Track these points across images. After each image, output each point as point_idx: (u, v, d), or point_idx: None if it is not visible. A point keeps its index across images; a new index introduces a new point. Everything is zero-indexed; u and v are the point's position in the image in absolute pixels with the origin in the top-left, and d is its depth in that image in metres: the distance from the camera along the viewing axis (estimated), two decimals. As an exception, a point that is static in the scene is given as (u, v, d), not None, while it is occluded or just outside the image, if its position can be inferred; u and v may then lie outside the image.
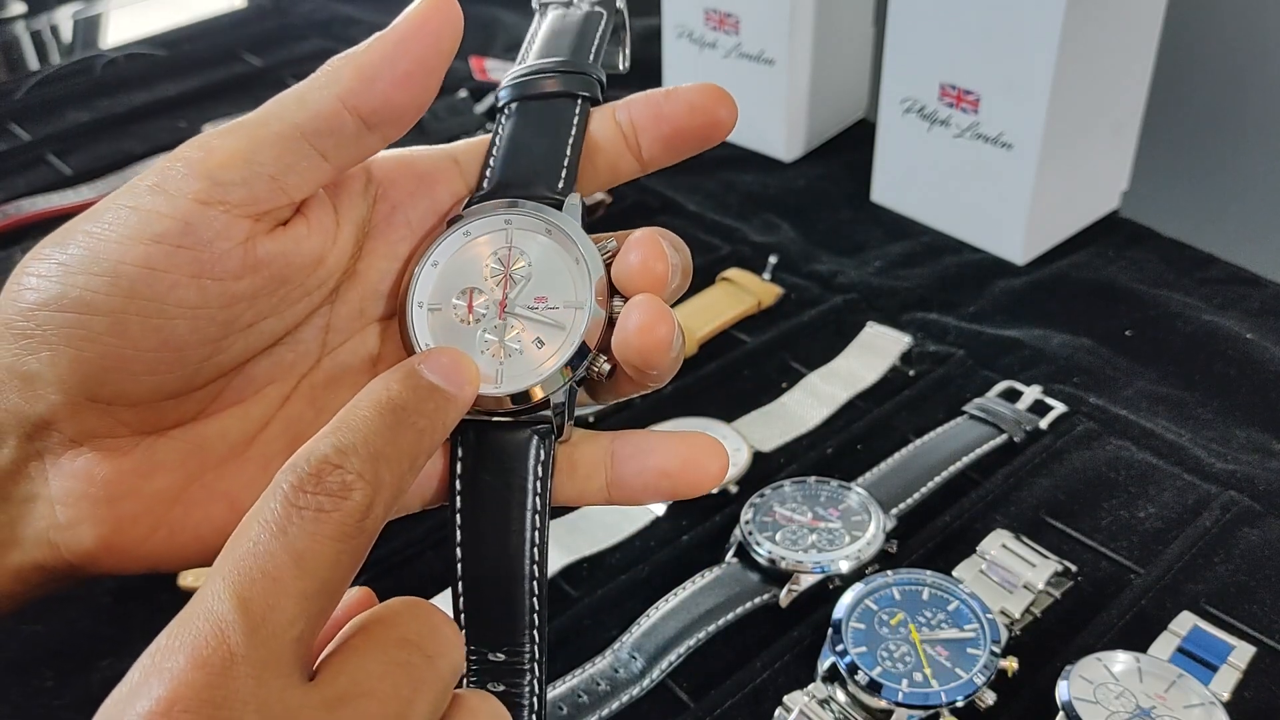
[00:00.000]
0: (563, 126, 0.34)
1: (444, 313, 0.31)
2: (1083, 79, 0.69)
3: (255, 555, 0.25)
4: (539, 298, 0.31)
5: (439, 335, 0.31)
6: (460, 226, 0.31)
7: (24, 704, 0.47)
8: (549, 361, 0.30)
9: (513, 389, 0.30)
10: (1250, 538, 0.53)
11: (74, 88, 1.01)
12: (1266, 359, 0.64)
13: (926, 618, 0.46)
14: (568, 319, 0.30)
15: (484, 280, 0.31)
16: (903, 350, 0.66)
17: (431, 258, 0.31)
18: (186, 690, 0.25)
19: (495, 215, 0.31)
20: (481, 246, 0.31)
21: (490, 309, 0.31)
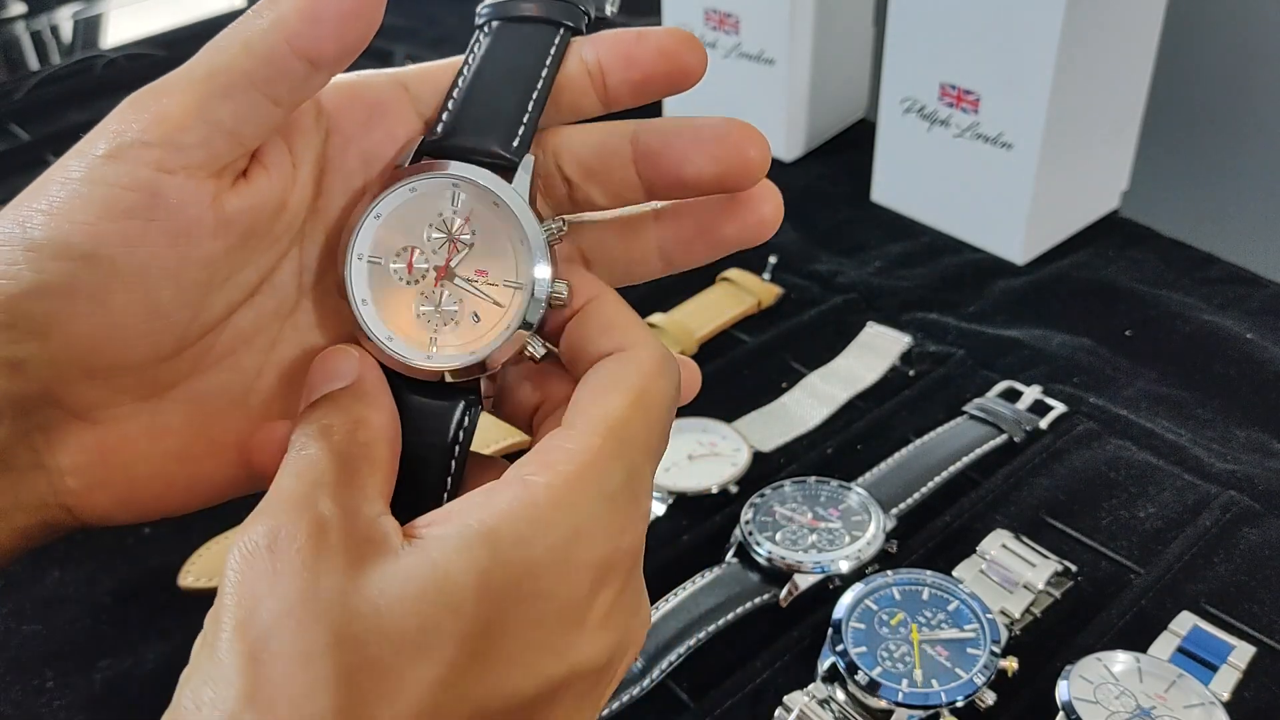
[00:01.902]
0: (536, 62, 0.32)
1: (382, 268, 0.30)
2: (1083, 79, 0.69)
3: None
4: (480, 270, 0.30)
5: (376, 290, 0.30)
6: (407, 182, 0.30)
7: (24, 704, 0.47)
8: (484, 340, 0.30)
9: (444, 365, 0.30)
10: (1250, 538, 0.53)
11: (74, 88, 1.01)
12: (1266, 359, 0.64)
13: (926, 618, 0.46)
14: (507, 299, 0.30)
15: (425, 241, 0.30)
16: (903, 350, 0.66)
17: (375, 210, 0.30)
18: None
19: (444, 177, 0.30)
20: (426, 206, 0.30)
21: (430, 272, 0.30)
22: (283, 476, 0.27)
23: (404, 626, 0.24)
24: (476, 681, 0.24)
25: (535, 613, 0.25)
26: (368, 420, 0.29)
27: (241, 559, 0.25)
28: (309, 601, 0.24)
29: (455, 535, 0.25)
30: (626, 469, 0.27)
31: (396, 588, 0.24)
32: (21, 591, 0.52)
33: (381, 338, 0.30)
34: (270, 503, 0.26)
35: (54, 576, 0.53)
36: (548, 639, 0.25)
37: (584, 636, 0.26)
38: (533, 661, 0.25)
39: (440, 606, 0.24)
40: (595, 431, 0.27)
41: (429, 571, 0.24)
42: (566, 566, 0.25)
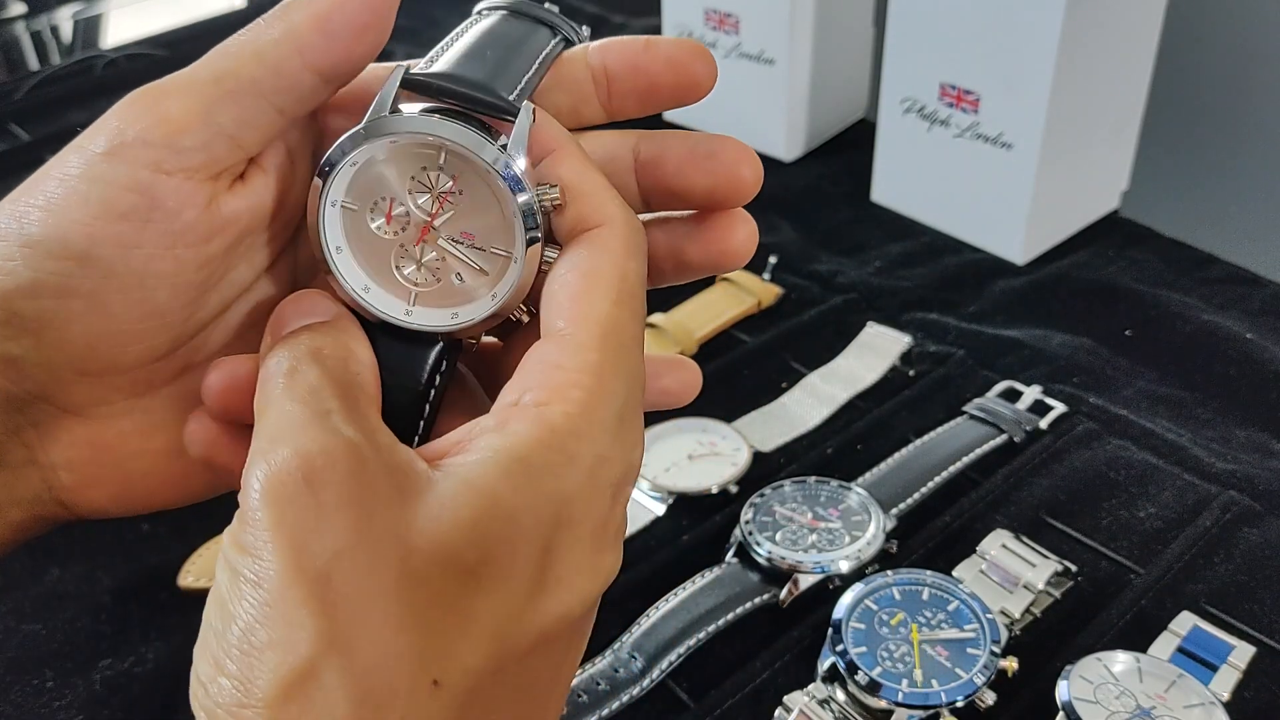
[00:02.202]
0: (536, 44, 0.31)
1: (358, 215, 0.29)
2: (1083, 79, 0.69)
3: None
4: (466, 233, 0.28)
5: (353, 238, 0.29)
6: (389, 132, 0.28)
7: (24, 704, 0.47)
8: (468, 308, 0.28)
9: (423, 326, 0.28)
10: (1250, 538, 0.53)
11: (74, 88, 1.01)
12: (1266, 359, 0.64)
13: (926, 618, 0.46)
14: (493, 266, 0.28)
15: (407, 195, 0.28)
16: (903, 350, 0.66)
17: (350, 157, 0.28)
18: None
19: (429, 127, 0.27)
20: (407, 158, 0.28)
21: (412, 228, 0.29)
22: (284, 400, 0.26)
23: (464, 558, 0.23)
24: (536, 609, 0.24)
25: (573, 537, 0.25)
26: (355, 352, 0.28)
27: (273, 489, 0.23)
28: (364, 538, 0.23)
29: (491, 462, 0.24)
30: (628, 377, 0.27)
31: (448, 517, 0.23)
32: (21, 591, 0.52)
33: (357, 288, 0.29)
34: (284, 428, 0.25)
35: (54, 576, 0.53)
36: (585, 560, 0.25)
37: (608, 552, 0.26)
38: (578, 584, 0.25)
39: (496, 537, 0.24)
40: (590, 344, 0.26)
41: (477, 498, 0.24)
42: (594, 490, 0.25)
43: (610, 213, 0.28)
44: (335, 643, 0.22)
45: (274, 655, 0.22)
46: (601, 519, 0.26)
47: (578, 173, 0.29)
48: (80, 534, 0.55)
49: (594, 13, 1.12)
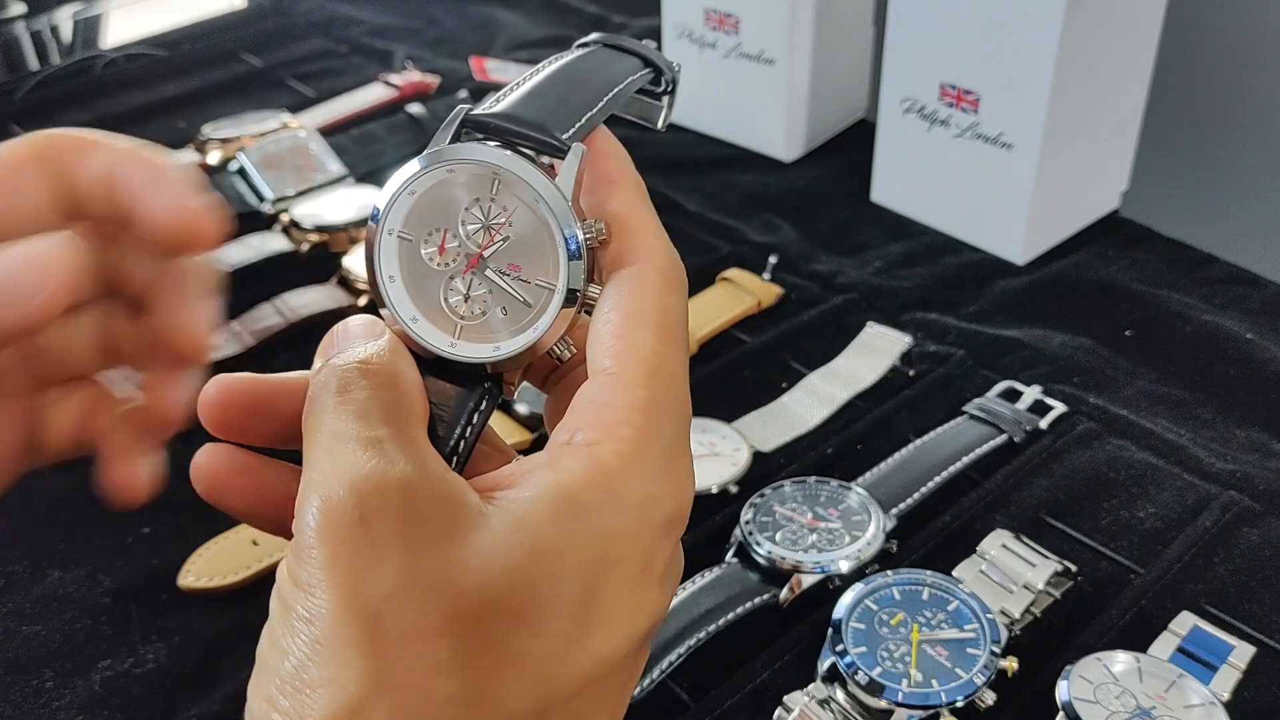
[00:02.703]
0: (617, 75, 0.31)
1: (414, 245, 0.29)
2: (1083, 79, 0.69)
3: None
4: (513, 264, 0.29)
5: (405, 268, 0.29)
6: (445, 162, 0.28)
7: (24, 704, 0.47)
8: (511, 341, 0.29)
9: (465, 357, 0.29)
10: (1250, 538, 0.53)
11: (74, 88, 1.01)
12: (1266, 359, 0.64)
13: (926, 618, 0.46)
14: (538, 299, 0.29)
15: (459, 225, 0.29)
16: (903, 350, 0.66)
17: (409, 186, 0.29)
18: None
19: (484, 162, 0.28)
20: (461, 189, 0.29)
21: (460, 258, 0.29)
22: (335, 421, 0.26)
23: (513, 600, 0.23)
24: (582, 650, 0.24)
25: (621, 577, 0.25)
26: (405, 373, 0.28)
27: (329, 527, 0.24)
28: (416, 578, 0.23)
29: (542, 500, 0.25)
30: (675, 414, 0.27)
31: (499, 558, 0.24)
32: (21, 591, 0.52)
33: (406, 318, 0.29)
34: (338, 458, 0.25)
35: (54, 576, 0.53)
36: (631, 599, 0.25)
37: (658, 589, 0.26)
38: (624, 622, 0.25)
39: (543, 577, 0.24)
40: (638, 381, 0.27)
41: (526, 539, 0.24)
42: (642, 529, 0.26)
43: (651, 248, 0.29)
44: (383, 684, 0.22)
45: (325, 694, 0.22)
46: (648, 557, 0.26)
47: (627, 207, 0.29)
48: (81, 536, 0.55)
49: (594, 13, 1.12)
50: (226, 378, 0.29)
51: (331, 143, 0.86)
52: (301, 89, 1.00)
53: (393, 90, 0.96)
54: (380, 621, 0.23)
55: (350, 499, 0.24)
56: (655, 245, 0.29)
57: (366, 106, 0.94)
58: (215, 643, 0.50)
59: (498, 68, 1.00)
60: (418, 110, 0.91)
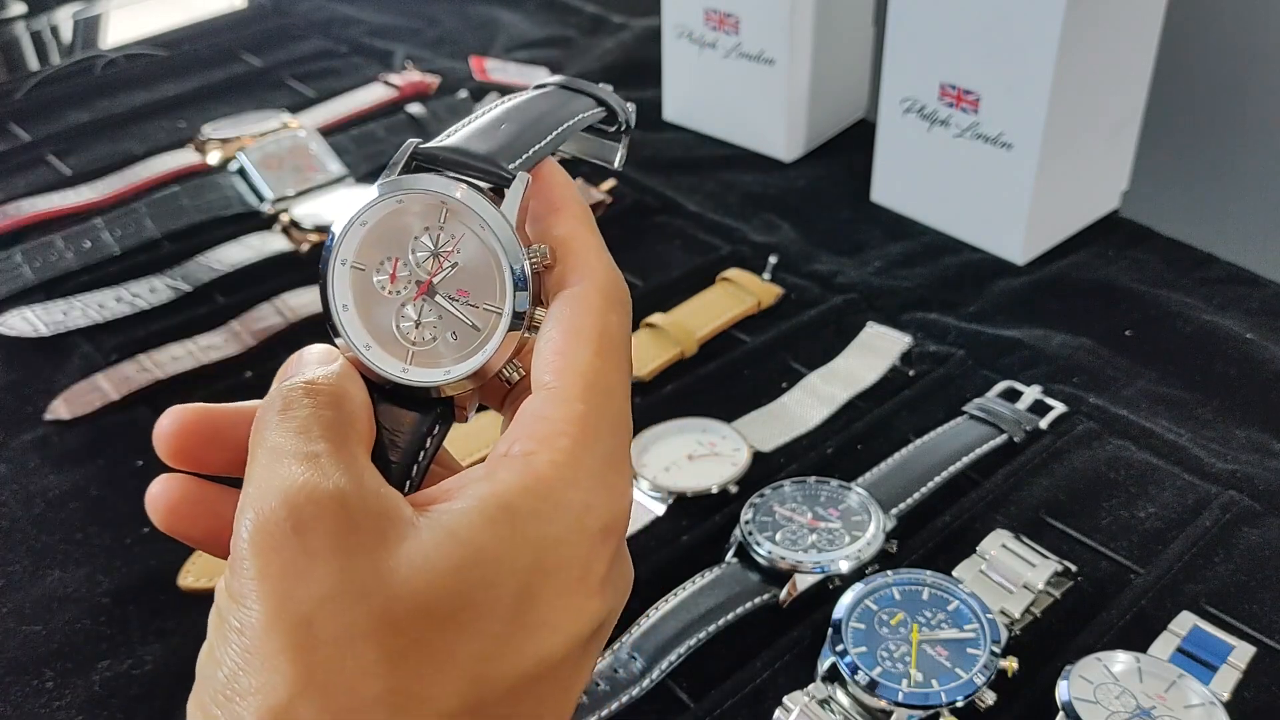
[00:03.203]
0: (566, 113, 0.33)
1: (367, 274, 0.30)
2: (1083, 79, 0.69)
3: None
4: (461, 290, 0.30)
5: (358, 297, 0.30)
6: (396, 193, 0.30)
7: (24, 704, 0.47)
8: (460, 365, 0.30)
9: (417, 382, 0.30)
10: (1250, 538, 0.53)
11: (74, 88, 1.01)
12: (1266, 359, 0.64)
13: (926, 618, 0.46)
14: (485, 323, 0.30)
15: (409, 254, 0.30)
16: (903, 350, 0.66)
17: (361, 217, 0.30)
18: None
19: (433, 191, 0.30)
20: (412, 218, 0.30)
21: (411, 285, 0.30)
22: (275, 438, 0.26)
23: (444, 604, 0.24)
24: (515, 652, 0.25)
25: (557, 583, 0.26)
26: (350, 393, 0.29)
27: (262, 538, 0.24)
28: (348, 584, 0.24)
29: (476, 509, 0.25)
30: (612, 425, 0.28)
31: (431, 564, 0.24)
32: (21, 592, 0.52)
33: (359, 345, 0.30)
34: (268, 471, 0.26)
35: (54, 577, 0.53)
36: (569, 603, 0.26)
37: (596, 597, 0.27)
38: (561, 626, 0.26)
39: (476, 581, 0.24)
40: (576, 395, 0.27)
41: (458, 545, 0.25)
42: (580, 535, 0.26)
43: (593, 269, 0.30)
44: (312, 687, 0.23)
45: (255, 700, 0.23)
46: (585, 564, 0.26)
47: (570, 231, 0.30)
48: (81, 537, 0.55)
49: (594, 13, 1.12)
50: (181, 409, 0.30)
51: (331, 143, 0.86)
52: (301, 89, 1.00)
53: (393, 90, 0.96)
54: (310, 627, 0.23)
55: (283, 510, 0.24)
56: (597, 266, 0.30)
57: (366, 106, 0.94)
58: (215, 643, 0.50)
59: (498, 68, 1.00)
60: (418, 110, 0.91)
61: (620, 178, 0.83)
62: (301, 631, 0.23)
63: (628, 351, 0.29)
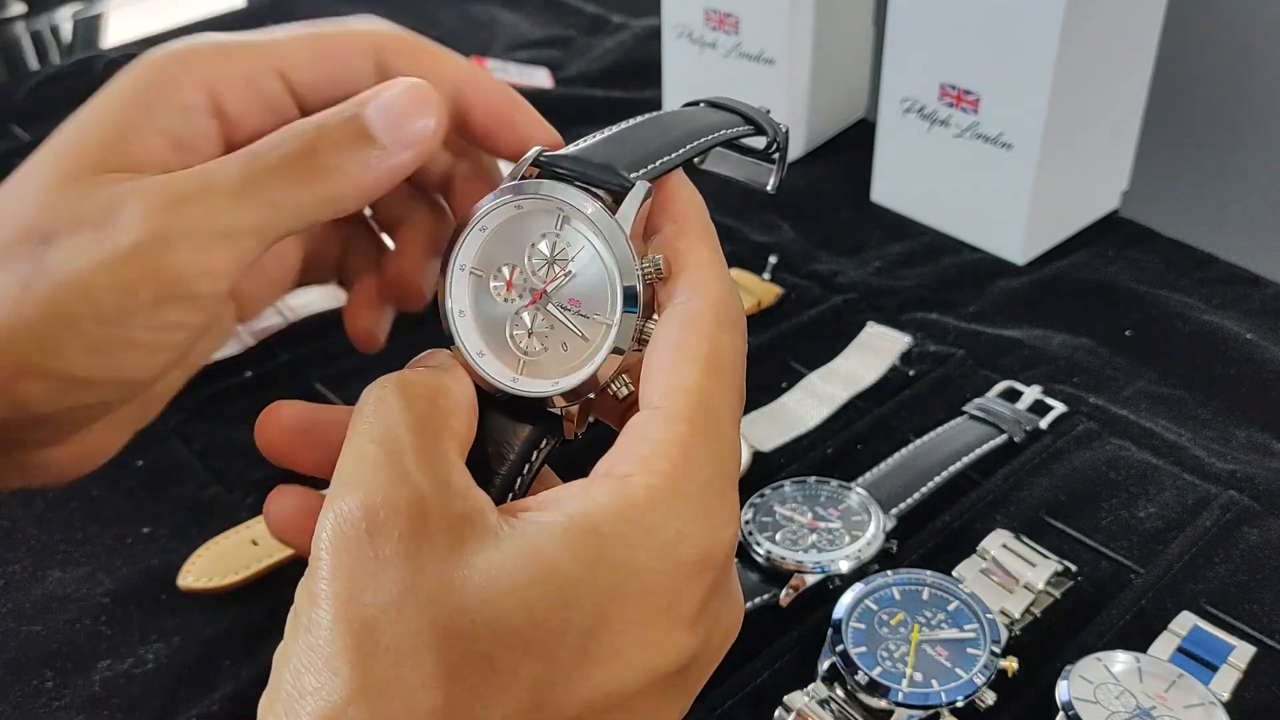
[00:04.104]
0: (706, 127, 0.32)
1: (484, 280, 0.30)
2: (1083, 79, 0.69)
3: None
4: (574, 300, 0.29)
5: (474, 302, 0.30)
6: (515, 198, 0.29)
7: (24, 704, 0.47)
8: (568, 377, 0.29)
9: (526, 391, 0.29)
10: (1250, 538, 0.53)
11: (74, 88, 1.01)
12: (1266, 359, 0.64)
13: (927, 618, 0.46)
14: (595, 334, 0.29)
15: (526, 261, 0.30)
16: (903, 350, 0.66)
17: (480, 222, 0.30)
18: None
19: (551, 198, 0.29)
20: (530, 224, 0.30)
21: (525, 292, 0.30)
22: (363, 435, 0.26)
23: (512, 620, 0.23)
24: (582, 679, 0.24)
25: (636, 612, 0.25)
26: (450, 389, 0.28)
27: (337, 538, 0.24)
28: (415, 591, 0.23)
29: (560, 526, 0.24)
30: (717, 451, 0.27)
31: (504, 577, 0.24)
32: (21, 592, 0.52)
33: (472, 352, 0.30)
34: (353, 470, 0.25)
35: (54, 577, 0.53)
36: (648, 636, 0.25)
37: (684, 631, 0.26)
38: (635, 658, 0.25)
39: (549, 601, 0.24)
40: (680, 416, 0.26)
41: (535, 561, 0.24)
42: (669, 565, 0.25)
43: (707, 285, 0.29)
44: (368, 692, 0.22)
45: (313, 701, 0.23)
46: (673, 595, 0.25)
47: (688, 245, 0.30)
48: (81, 536, 0.55)
49: (594, 13, 1.12)
50: (279, 405, 0.30)
51: (331, 143, 0.86)
52: (301, 89, 1.00)
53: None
54: (373, 631, 0.23)
55: (359, 511, 0.24)
56: (711, 282, 0.29)
57: (366, 106, 0.94)
58: (215, 643, 0.50)
59: (498, 68, 1.00)
60: (418, 110, 0.91)
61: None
62: (364, 635, 0.23)
63: (739, 373, 0.28)
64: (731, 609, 0.28)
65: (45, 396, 0.29)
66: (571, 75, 1.00)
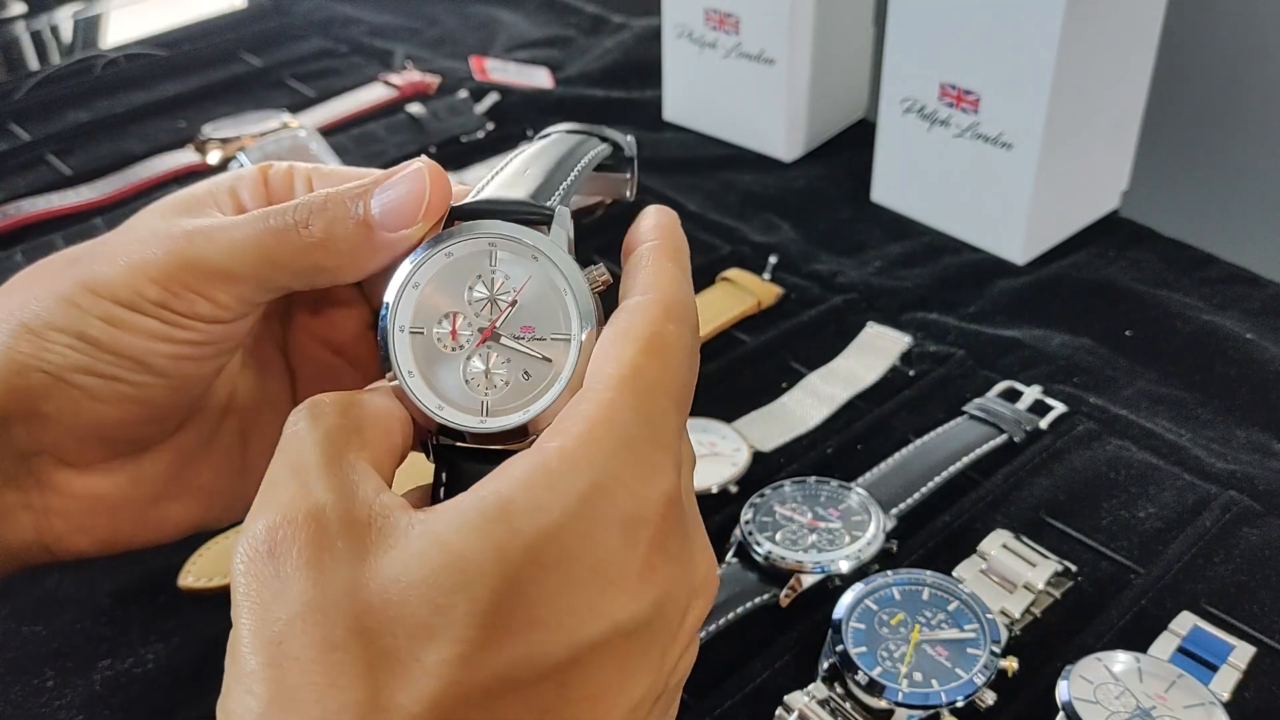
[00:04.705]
0: (579, 152, 0.33)
1: (426, 337, 0.30)
2: (1083, 79, 0.69)
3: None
4: (525, 327, 0.30)
5: (421, 361, 0.30)
6: (442, 247, 0.30)
7: (24, 704, 0.47)
8: (538, 400, 0.29)
9: (498, 427, 0.29)
10: (1250, 538, 0.53)
11: (74, 88, 1.01)
12: (1266, 359, 0.64)
13: (927, 618, 0.46)
14: (556, 352, 0.29)
15: (466, 305, 0.30)
16: (903, 350, 0.66)
17: (413, 279, 0.30)
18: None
19: (478, 237, 0.30)
20: (464, 268, 0.30)
21: (473, 336, 0.30)
22: (273, 462, 0.27)
23: (415, 610, 0.24)
24: (497, 654, 0.24)
25: (560, 578, 0.24)
26: (361, 400, 0.29)
27: (245, 563, 0.25)
28: (318, 599, 0.24)
29: (469, 510, 0.25)
30: (644, 414, 0.26)
31: (407, 572, 0.24)
32: (21, 592, 0.52)
33: (432, 408, 0.29)
34: (264, 495, 0.26)
35: (54, 577, 0.53)
36: (576, 602, 0.25)
37: (620, 594, 0.25)
38: (562, 626, 0.24)
39: (453, 587, 0.24)
40: (608, 386, 0.27)
41: (438, 550, 0.24)
42: (589, 525, 0.25)
43: (660, 285, 0.29)
44: (280, 703, 0.23)
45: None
46: (605, 556, 0.25)
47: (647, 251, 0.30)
48: (80, 534, 0.55)
49: (594, 13, 1.12)
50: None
51: (332, 142, 0.86)
52: (301, 89, 1.00)
53: (393, 90, 0.96)
54: (281, 644, 0.24)
55: (262, 534, 0.25)
56: (665, 282, 0.29)
57: (366, 106, 0.94)
58: (215, 643, 0.49)
59: (498, 68, 1.00)
60: (418, 110, 0.91)
61: (620, 178, 0.83)
62: (273, 650, 0.24)
63: (683, 364, 0.28)
64: (691, 572, 0.28)
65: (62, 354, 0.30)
66: (571, 75, 1.00)
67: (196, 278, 0.30)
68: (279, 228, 0.31)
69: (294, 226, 0.30)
